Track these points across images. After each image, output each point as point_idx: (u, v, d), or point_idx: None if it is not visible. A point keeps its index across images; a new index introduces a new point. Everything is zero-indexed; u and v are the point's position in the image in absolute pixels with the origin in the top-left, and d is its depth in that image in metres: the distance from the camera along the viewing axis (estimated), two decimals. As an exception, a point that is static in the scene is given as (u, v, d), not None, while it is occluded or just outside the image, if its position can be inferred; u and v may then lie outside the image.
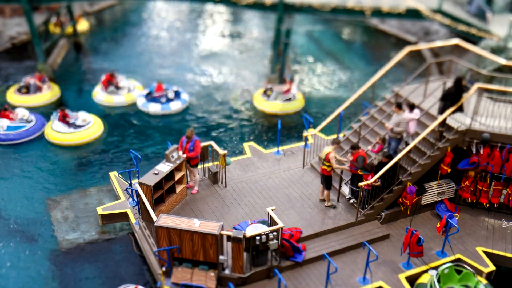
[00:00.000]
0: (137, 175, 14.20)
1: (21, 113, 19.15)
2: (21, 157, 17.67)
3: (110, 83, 21.50)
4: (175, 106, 20.93)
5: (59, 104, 21.20)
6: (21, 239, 13.88)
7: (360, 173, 12.80)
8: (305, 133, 15.33)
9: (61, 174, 16.78)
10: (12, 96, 21.21)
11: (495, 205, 13.91)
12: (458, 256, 12.53)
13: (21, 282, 12.49)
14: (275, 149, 16.47)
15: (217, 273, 11.38)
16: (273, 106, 20.93)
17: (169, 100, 21.02)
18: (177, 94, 21.41)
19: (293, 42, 27.93)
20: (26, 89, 21.29)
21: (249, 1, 22.00)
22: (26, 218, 14.68)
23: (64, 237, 13.88)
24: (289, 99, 21.17)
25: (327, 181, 13.33)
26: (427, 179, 14.00)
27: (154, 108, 20.71)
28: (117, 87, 21.55)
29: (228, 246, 11.36)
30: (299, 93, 22.32)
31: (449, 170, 13.47)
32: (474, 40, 23.01)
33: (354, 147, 13.03)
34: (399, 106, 13.55)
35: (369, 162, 12.98)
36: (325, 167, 13.10)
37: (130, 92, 21.69)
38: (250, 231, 11.41)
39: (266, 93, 21.47)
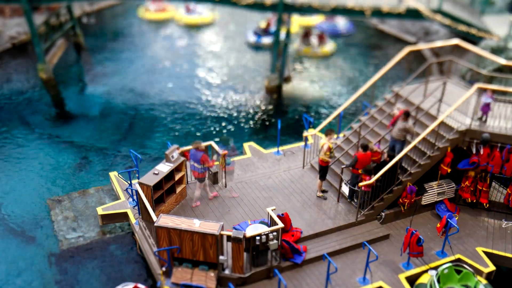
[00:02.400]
0: (137, 175, 14.20)
1: None
2: (21, 157, 17.68)
3: None
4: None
5: None
6: (21, 239, 13.88)
7: (360, 172, 12.82)
8: (305, 133, 15.32)
9: (61, 174, 16.78)
10: None
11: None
12: (458, 256, 12.53)
13: (21, 282, 12.50)
14: (275, 149, 16.47)
15: (217, 273, 11.38)
16: None
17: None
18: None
19: (293, 42, 27.94)
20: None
21: (249, 1, 21.99)
22: (26, 218, 14.69)
23: (64, 237, 13.88)
24: None
25: (322, 171, 13.61)
26: (427, 179, 14.00)
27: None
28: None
29: (228, 246, 11.35)
30: None
31: (449, 170, 13.46)
32: (474, 40, 23.01)
33: (365, 147, 13.05)
34: (407, 114, 13.35)
35: (367, 165, 12.96)
36: (322, 158, 13.41)
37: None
38: (250, 231, 11.41)
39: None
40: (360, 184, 12.62)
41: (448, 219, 12.27)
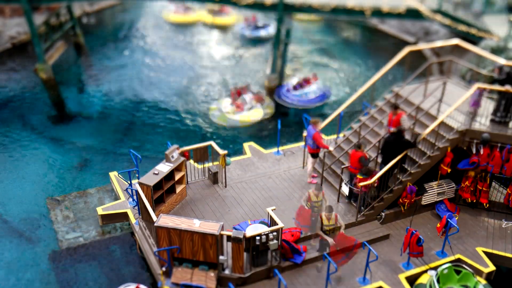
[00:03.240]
0: (137, 175, 14.20)
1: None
2: (21, 157, 17.68)
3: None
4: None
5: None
6: (21, 239, 13.88)
7: (359, 176, 12.80)
8: (305, 133, 15.31)
9: (61, 174, 16.78)
10: None
11: None
12: (458, 256, 12.53)
13: (21, 282, 12.49)
14: (275, 149, 16.46)
15: (217, 273, 11.38)
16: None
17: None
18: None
19: (293, 42, 27.93)
20: None
21: (249, 1, 21.99)
22: (26, 218, 14.68)
23: (64, 237, 13.88)
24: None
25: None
26: (427, 179, 14.00)
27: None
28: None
29: (228, 246, 11.35)
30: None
31: (449, 170, 13.46)
32: (474, 40, 23.01)
33: (358, 146, 13.17)
34: (394, 107, 13.58)
35: (364, 167, 12.98)
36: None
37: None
38: (250, 231, 11.41)
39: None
40: (361, 184, 12.61)
41: (448, 219, 12.28)
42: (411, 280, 12.00)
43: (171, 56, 27.02)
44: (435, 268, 12.10)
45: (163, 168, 13.12)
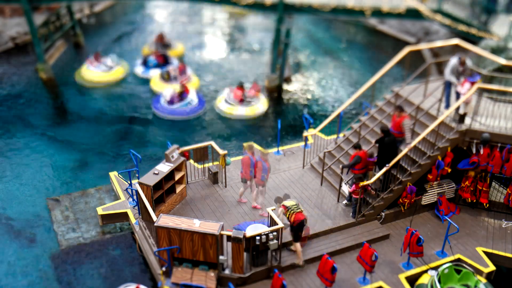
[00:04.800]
0: (137, 175, 14.20)
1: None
2: (21, 157, 17.68)
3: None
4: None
5: None
6: (21, 239, 13.88)
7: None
8: (305, 133, 15.32)
9: (61, 174, 16.79)
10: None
11: None
12: (458, 256, 12.53)
13: (21, 282, 12.50)
14: (275, 149, 16.46)
15: (217, 273, 11.38)
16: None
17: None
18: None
19: (293, 42, 27.92)
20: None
21: (249, 1, 21.99)
22: (26, 218, 14.69)
23: (64, 237, 13.89)
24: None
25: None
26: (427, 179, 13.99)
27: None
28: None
29: (228, 246, 11.36)
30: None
31: (449, 170, 13.46)
32: (474, 40, 23.01)
33: (356, 146, 13.16)
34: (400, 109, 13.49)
35: (354, 175, 13.00)
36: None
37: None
38: (250, 231, 11.40)
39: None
40: (361, 184, 12.59)
41: (446, 218, 12.33)
42: (411, 280, 12.00)
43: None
44: (435, 268, 12.10)
45: (163, 168, 13.12)
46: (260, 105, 21.49)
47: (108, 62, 23.90)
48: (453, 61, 14.08)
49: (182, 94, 20.88)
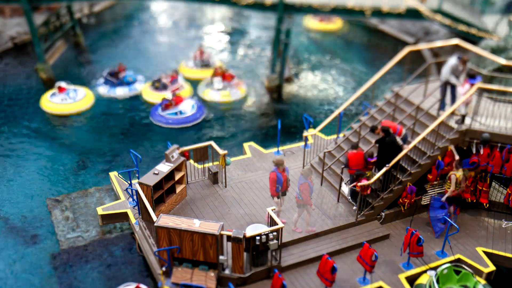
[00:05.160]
0: (137, 175, 14.20)
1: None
2: (21, 157, 17.69)
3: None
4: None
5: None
6: (21, 239, 13.89)
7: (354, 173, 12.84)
8: (305, 133, 15.32)
9: (61, 174, 16.79)
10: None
11: None
12: (458, 256, 12.53)
13: (21, 282, 12.50)
14: (275, 149, 16.47)
15: (217, 273, 11.38)
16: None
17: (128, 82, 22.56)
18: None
19: (293, 42, 27.92)
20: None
21: (249, 1, 21.99)
22: (26, 218, 14.69)
23: (64, 236, 13.89)
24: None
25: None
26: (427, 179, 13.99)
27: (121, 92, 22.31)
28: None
29: (228, 246, 11.36)
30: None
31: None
32: (474, 40, 23.01)
33: (351, 146, 13.20)
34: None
35: (356, 171, 13.00)
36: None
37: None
38: (250, 231, 11.41)
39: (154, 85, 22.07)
40: (359, 184, 12.60)
41: (445, 217, 12.33)
42: (411, 280, 12.00)
43: (171, 56, 27.01)
44: (435, 268, 12.10)
45: (163, 168, 13.12)
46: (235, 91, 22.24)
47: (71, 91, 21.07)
48: (452, 61, 14.07)
49: (172, 103, 20.28)
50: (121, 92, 22.21)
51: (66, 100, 20.78)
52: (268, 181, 13.64)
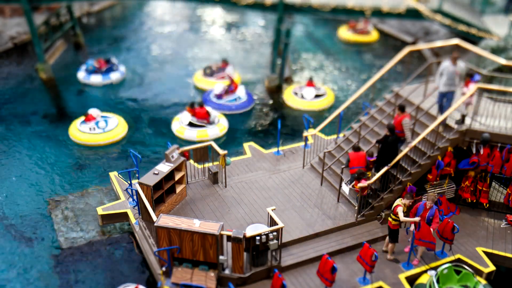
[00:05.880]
0: (137, 175, 14.21)
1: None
2: (21, 157, 17.68)
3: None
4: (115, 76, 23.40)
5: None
6: (21, 239, 13.88)
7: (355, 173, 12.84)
8: (305, 133, 15.33)
9: (61, 174, 16.79)
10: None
11: None
12: (458, 256, 12.53)
13: (21, 282, 12.50)
14: (275, 149, 16.47)
15: (217, 273, 11.38)
16: None
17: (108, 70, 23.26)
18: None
19: (293, 42, 27.92)
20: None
21: (249, 1, 22.00)
22: (26, 218, 14.69)
23: (64, 236, 13.89)
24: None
25: (392, 234, 12.20)
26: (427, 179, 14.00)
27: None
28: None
29: (228, 246, 11.36)
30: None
31: (452, 173, 13.48)
32: (474, 40, 23.02)
33: (353, 147, 13.25)
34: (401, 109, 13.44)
35: (358, 170, 12.99)
36: (390, 220, 11.99)
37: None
38: (250, 231, 11.41)
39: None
40: (359, 185, 12.60)
41: (444, 217, 12.31)
42: (411, 280, 12.00)
43: (171, 56, 27.01)
44: (435, 268, 12.10)
45: (163, 168, 13.13)
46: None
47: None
48: (449, 67, 13.56)
49: (229, 88, 21.41)
50: (96, 79, 23.17)
51: (95, 130, 18.64)
52: (263, 183, 13.64)
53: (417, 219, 11.75)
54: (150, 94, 22.69)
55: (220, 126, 19.36)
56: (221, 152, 13.99)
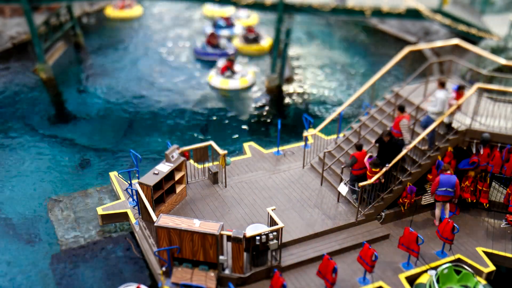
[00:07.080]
0: (137, 175, 14.21)
1: None
2: (21, 157, 17.69)
3: (228, 69, 23.90)
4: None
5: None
6: (21, 239, 13.88)
7: (372, 169, 12.72)
8: (305, 133, 15.32)
9: (61, 174, 16.79)
10: None
11: None
12: (458, 256, 12.53)
13: (21, 282, 12.50)
14: (275, 149, 16.47)
15: (217, 273, 11.38)
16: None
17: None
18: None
19: (293, 42, 27.94)
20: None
21: (249, 1, 22.00)
22: (26, 218, 14.69)
23: (64, 236, 13.89)
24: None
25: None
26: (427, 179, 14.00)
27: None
28: (233, 72, 24.00)
29: (228, 246, 11.36)
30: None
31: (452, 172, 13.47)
32: (474, 40, 23.02)
33: (356, 146, 13.21)
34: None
35: (373, 159, 12.88)
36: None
37: (244, 77, 23.90)
38: (250, 231, 11.40)
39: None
40: (360, 184, 12.59)
41: (443, 216, 12.33)
42: (411, 280, 12.00)
43: (171, 56, 27.02)
44: (435, 268, 12.10)
45: (163, 168, 13.12)
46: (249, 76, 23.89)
47: None
48: (442, 95, 13.17)
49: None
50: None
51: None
52: (263, 183, 13.62)
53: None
54: (153, 91, 22.71)
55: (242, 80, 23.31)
56: (221, 152, 13.99)
